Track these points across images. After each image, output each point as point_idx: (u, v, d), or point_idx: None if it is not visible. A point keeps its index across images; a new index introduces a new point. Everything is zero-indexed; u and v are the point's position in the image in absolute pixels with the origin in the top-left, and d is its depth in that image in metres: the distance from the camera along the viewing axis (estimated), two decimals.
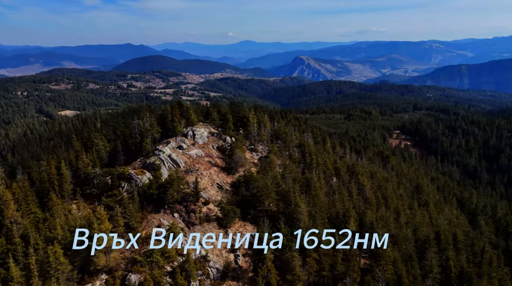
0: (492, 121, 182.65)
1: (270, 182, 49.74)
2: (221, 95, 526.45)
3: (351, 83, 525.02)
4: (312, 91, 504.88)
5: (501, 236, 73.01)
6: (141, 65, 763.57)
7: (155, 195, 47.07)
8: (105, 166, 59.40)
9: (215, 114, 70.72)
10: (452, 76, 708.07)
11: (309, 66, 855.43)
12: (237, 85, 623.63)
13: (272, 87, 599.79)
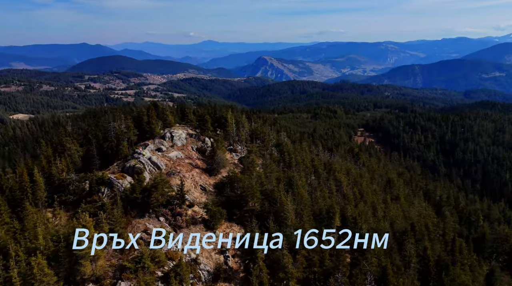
0: (447, 118, 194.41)
1: (254, 182, 50.05)
2: (185, 96, 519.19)
3: (314, 83, 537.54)
4: (276, 91, 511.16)
5: (464, 225, 78.12)
6: (98, 65, 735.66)
7: (139, 199, 45.83)
8: (79, 171, 57.02)
9: (191, 116, 69.94)
10: (406, 75, 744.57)
11: (272, 66, 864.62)
12: (201, 86, 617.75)
13: (236, 88, 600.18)
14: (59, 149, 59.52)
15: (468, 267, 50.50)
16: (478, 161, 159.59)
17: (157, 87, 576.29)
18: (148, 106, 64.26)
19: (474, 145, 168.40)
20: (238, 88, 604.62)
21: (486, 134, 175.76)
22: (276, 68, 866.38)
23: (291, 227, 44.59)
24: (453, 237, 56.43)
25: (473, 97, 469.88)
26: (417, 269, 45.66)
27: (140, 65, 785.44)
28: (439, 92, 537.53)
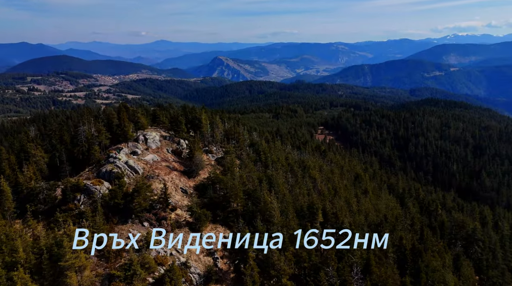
0: (399, 114, 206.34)
1: (237, 182, 50.20)
2: (140, 97, 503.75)
3: (271, 83, 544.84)
4: (234, 91, 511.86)
5: (425, 214, 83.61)
6: (42, 66, 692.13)
7: (122, 205, 44.17)
8: (47, 179, 53.75)
9: (163, 117, 68.43)
10: (357, 75, 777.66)
11: (229, 66, 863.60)
12: (156, 87, 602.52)
13: (193, 88, 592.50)
14: (21, 156, 55.72)
15: (437, 253, 54.34)
16: (428, 154, 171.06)
17: (109, 89, 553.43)
18: (119, 108, 61.86)
19: (424, 139, 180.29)
20: (195, 88, 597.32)
21: (434, 129, 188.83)
22: (233, 69, 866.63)
23: (277, 225, 45.35)
24: (421, 226, 60.44)
25: (418, 95, 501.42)
26: (395, 258, 48.42)
27: (89, 66, 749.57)
28: (387, 90, 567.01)
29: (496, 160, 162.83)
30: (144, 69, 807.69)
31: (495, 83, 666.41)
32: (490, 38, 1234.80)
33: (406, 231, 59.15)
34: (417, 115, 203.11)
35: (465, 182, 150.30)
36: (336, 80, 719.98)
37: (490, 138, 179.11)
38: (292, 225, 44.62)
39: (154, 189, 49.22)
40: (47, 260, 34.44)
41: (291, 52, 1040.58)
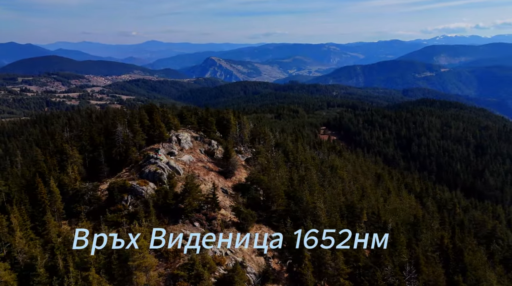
0: (400, 114, 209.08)
1: (279, 182, 50.67)
2: (134, 98, 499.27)
3: (265, 84, 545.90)
4: (229, 91, 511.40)
5: (443, 213, 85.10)
6: (32, 66, 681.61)
7: (173, 205, 44.27)
8: (85, 180, 53.47)
9: (191, 118, 68.54)
10: (349, 75, 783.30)
11: (221, 67, 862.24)
12: (149, 87, 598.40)
13: (187, 89, 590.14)
14: (57, 157, 55.29)
15: (471, 251, 55.57)
16: (431, 154, 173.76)
17: (102, 90, 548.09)
18: (151, 109, 61.70)
19: (426, 139, 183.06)
20: (189, 89, 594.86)
21: (435, 129, 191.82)
22: (225, 69, 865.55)
23: (324, 225, 45.88)
24: (453, 225, 61.68)
25: (411, 95, 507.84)
26: (436, 257, 49.35)
27: (80, 66, 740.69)
28: (380, 91, 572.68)
29: (498, 159, 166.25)
30: (136, 69, 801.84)
31: (485, 83, 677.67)
32: (479, 39, 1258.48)
33: (437, 230, 60.28)
34: (417, 115, 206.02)
35: (470, 181, 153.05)
36: (328, 80, 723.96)
37: (490, 138, 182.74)
38: (339, 224, 45.15)
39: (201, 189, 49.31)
40: (116, 260, 34.57)
41: (283, 53, 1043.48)
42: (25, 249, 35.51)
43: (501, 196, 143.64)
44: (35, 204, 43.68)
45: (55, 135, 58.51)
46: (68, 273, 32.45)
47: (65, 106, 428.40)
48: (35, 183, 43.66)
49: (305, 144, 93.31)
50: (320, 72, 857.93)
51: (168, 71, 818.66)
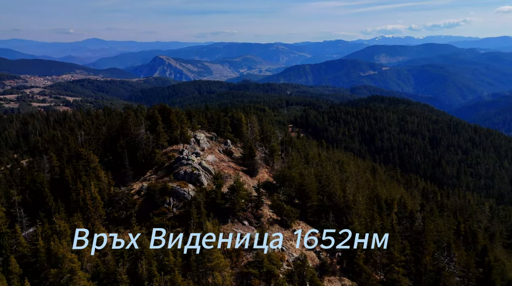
0: (361, 111, 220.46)
1: (312, 179, 52.27)
2: (81, 99, 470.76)
3: (220, 83, 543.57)
4: (183, 91, 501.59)
5: (430, 201, 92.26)
6: None
7: (222, 205, 43.94)
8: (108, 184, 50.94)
9: (202, 118, 67.71)
10: (299, 74, 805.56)
11: (171, 66, 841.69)
12: (95, 88, 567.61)
13: (137, 89, 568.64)
14: (73, 162, 51.98)
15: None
16: (393, 147, 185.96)
17: (43, 91, 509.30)
18: (167, 110, 59.98)
19: (387, 133, 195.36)
20: (139, 89, 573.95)
21: (394, 124, 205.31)
22: (175, 68, 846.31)
23: (362, 217, 48.29)
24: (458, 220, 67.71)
25: (358, 93, 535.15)
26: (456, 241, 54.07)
27: (13, 66, 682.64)
28: (330, 89, 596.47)
29: (450, 149, 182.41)
30: (78, 69, 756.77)
31: (421, 81, 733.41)
32: (412, 40, 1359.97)
33: (446, 217, 65.74)
34: (377, 112, 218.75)
35: (430, 171, 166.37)
36: (280, 79, 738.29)
37: (442, 130, 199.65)
38: (376, 218, 47.78)
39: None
40: (195, 261, 34.06)
41: (233, 52, 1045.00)
42: (92, 257, 33.62)
43: (457, 184, 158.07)
44: (72, 211, 41.05)
45: (68, 140, 54.65)
46: (154, 277, 31.50)
47: (3, 109, 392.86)
48: (76, 189, 40.99)
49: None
50: (270, 71, 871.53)
51: (114, 71, 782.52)
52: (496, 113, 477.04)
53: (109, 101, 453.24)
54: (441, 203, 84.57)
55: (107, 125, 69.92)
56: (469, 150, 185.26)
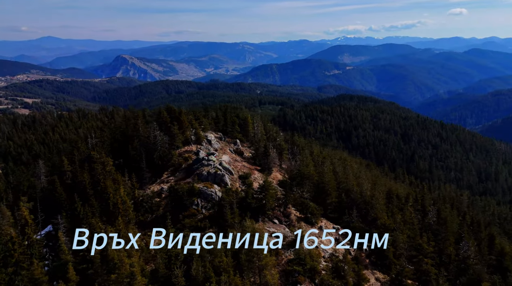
0: (336, 109, 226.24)
1: (330, 176, 53.31)
2: (41, 100, 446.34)
3: (188, 83, 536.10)
4: (150, 91, 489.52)
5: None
6: None
7: (253, 205, 43.79)
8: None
9: (208, 119, 66.98)
10: (266, 74, 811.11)
11: (134, 65, 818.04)
12: (55, 89, 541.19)
13: (101, 89, 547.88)
14: (85, 166, 49.67)
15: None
16: (369, 144, 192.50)
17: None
18: (176, 111, 58.72)
19: (362, 131, 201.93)
20: (103, 90, 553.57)
21: (368, 122, 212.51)
22: (139, 68, 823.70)
23: (383, 212, 50.01)
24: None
25: (325, 92, 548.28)
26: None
27: None
28: (298, 88, 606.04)
29: (421, 145, 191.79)
30: (33, 69, 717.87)
31: (382, 80, 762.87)
32: (373, 40, 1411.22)
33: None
34: (351, 110, 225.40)
35: (404, 165, 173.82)
36: (248, 79, 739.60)
37: (412, 127, 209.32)
38: (395, 211, 49.69)
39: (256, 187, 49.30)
40: (245, 261, 33.92)
41: (199, 52, 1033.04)
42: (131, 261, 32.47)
43: (430, 177, 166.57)
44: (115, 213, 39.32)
45: (78, 143, 51.92)
46: (210, 278, 31.01)
47: None
48: (106, 193, 39.25)
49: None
50: (237, 71, 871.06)
51: (73, 71, 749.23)
52: (452, 110, 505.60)
53: (71, 102, 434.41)
54: (436, 195, 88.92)
55: (110, 127, 67.17)
56: (438, 145, 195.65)
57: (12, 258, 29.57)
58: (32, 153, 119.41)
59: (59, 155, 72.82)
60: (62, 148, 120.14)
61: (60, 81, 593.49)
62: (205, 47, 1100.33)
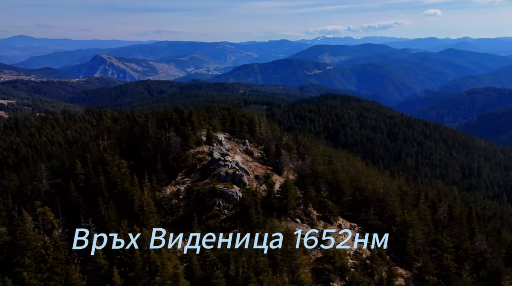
0: (323, 109, 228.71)
1: (345, 175, 53.83)
2: (16, 102, 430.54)
3: (170, 83, 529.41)
4: (131, 91, 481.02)
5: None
6: None
7: (276, 204, 43.68)
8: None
9: (216, 120, 66.45)
10: (248, 74, 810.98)
11: (113, 65, 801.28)
12: (31, 89, 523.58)
13: (80, 90, 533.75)
14: (98, 169, 48.31)
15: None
16: (357, 142, 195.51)
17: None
18: (189, 112, 57.90)
19: (350, 129, 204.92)
20: (82, 90, 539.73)
21: (354, 120, 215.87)
22: (118, 68, 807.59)
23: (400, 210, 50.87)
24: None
25: (307, 91, 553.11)
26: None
27: None
28: (280, 88, 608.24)
29: (407, 142, 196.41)
30: (6, 69, 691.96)
31: (362, 79, 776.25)
32: (352, 40, 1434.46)
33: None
34: (337, 109, 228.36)
35: (392, 163, 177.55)
36: (229, 79, 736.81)
37: (397, 125, 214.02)
38: (410, 208, 50.68)
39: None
40: (281, 260, 33.87)
41: (179, 51, 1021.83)
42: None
43: (417, 174, 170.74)
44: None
45: (89, 145, 50.23)
46: (249, 279, 30.78)
47: None
48: (128, 195, 38.27)
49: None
50: (218, 71, 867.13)
51: (49, 71, 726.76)
52: (430, 108, 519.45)
53: (49, 103, 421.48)
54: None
55: (116, 129, 65.53)
56: (422, 142, 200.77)
57: (46, 264, 28.46)
58: (20, 156, 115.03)
59: (61, 158, 70.61)
60: (51, 151, 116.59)
61: (36, 81, 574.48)
62: (185, 46, 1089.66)
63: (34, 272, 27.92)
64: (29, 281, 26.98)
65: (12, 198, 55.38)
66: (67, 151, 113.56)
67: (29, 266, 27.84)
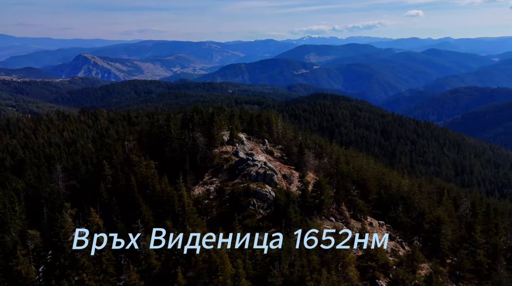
0: (317, 108, 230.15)
1: (371, 174, 54.13)
2: (0, 102, 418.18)
3: (157, 83, 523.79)
4: (118, 91, 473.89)
5: None
6: None
7: (313, 203, 43.50)
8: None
9: (236, 120, 65.93)
10: (235, 73, 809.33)
11: (97, 65, 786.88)
12: (13, 90, 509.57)
13: (64, 90, 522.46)
14: (125, 170, 47.22)
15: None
16: (352, 141, 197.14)
17: None
18: (211, 112, 57.20)
19: (344, 128, 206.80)
20: (66, 90, 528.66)
21: (348, 119, 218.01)
22: (102, 67, 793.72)
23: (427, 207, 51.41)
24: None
25: (295, 91, 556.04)
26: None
27: None
28: (269, 87, 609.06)
29: (401, 141, 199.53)
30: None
31: (348, 79, 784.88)
32: (337, 40, 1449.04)
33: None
34: (331, 108, 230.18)
35: (387, 161, 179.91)
36: (217, 78, 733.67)
37: (390, 124, 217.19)
38: (435, 205, 51.32)
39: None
40: (331, 259, 33.77)
41: (164, 51, 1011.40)
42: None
43: (412, 171, 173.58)
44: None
45: (115, 147, 48.89)
46: (305, 277, 30.52)
47: None
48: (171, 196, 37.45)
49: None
50: (205, 70, 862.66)
51: (30, 71, 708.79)
52: (416, 107, 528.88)
53: (33, 104, 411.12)
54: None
55: (135, 130, 64.17)
56: (415, 141, 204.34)
57: (101, 265, 27.61)
58: (17, 158, 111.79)
59: (70, 160, 68.80)
60: (49, 152, 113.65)
61: (18, 81, 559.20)
62: (171, 46, 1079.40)
63: (92, 274, 27.02)
64: (88, 283, 26.08)
65: (25, 200, 53.70)
66: (66, 152, 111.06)
67: (88, 268, 26.93)
